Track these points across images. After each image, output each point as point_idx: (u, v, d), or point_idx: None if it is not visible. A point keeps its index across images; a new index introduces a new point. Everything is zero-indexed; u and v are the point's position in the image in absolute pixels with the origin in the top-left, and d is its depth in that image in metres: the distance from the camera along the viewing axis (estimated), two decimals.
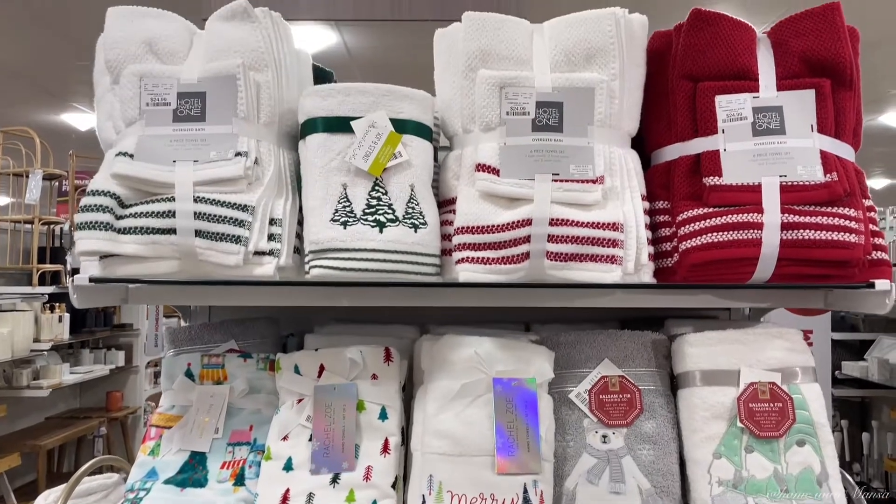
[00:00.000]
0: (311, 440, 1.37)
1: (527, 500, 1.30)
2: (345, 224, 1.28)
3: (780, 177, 1.29)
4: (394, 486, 1.36)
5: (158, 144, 1.29)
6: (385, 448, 1.38)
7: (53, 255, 5.78)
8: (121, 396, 6.20)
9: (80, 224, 1.24)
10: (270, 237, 1.29)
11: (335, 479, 1.35)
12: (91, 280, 1.30)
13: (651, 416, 1.43)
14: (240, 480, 1.41)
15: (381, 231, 1.28)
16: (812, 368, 1.43)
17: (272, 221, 1.30)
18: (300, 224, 1.36)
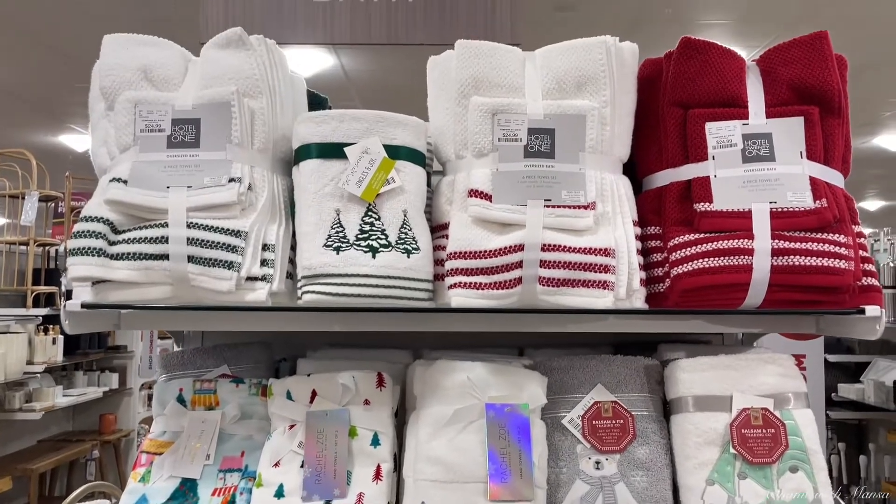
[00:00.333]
0: (303, 467, 1.37)
1: None
2: (338, 249, 1.28)
3: (770, 203, 1.30)
4: None
5: (152, 170, 1.29)
6: (377, 475, 1.37)
7: (48, 277, 5.76)
8: (114, 419, 6.16)
9: (73, 250, 1.25)
10: (263, 262, 1.30)
11: None
12: (83, 306, 1.30)
13: (644, 442, 1.43)
14: None
15: (374, 256, 1.29)
16: (804, 394, 1.43)
17: (265, 247, 1.31)
18: (293, 249, 1.37)
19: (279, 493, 1.36)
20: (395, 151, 1.34)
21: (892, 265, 5.04)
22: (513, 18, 2.97)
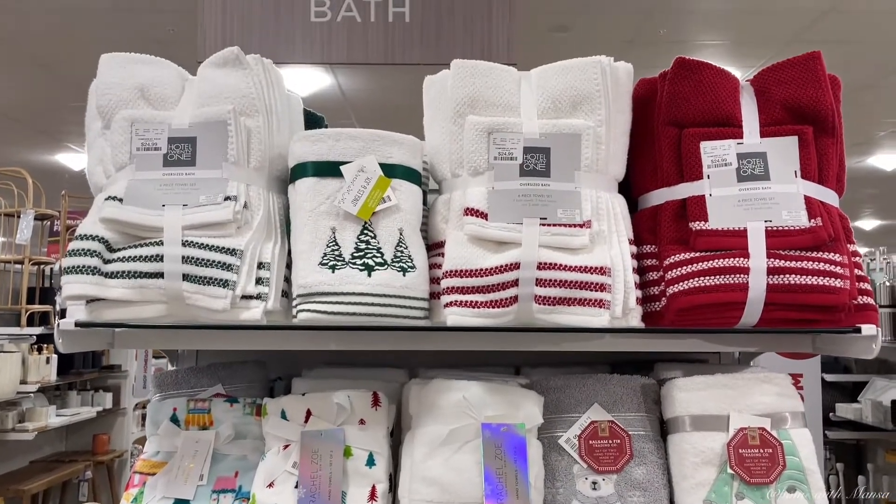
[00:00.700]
0: (298, 487, 1.35)
1: None
2: (333, 268, 1.28)
3: (766, 222, 1.31)
4: None
5: (148, 188, 1.29)
6: (372, 495, 1.36)
7: (43, 296, 5.74)
8: (107, 439, 6.11)
9: (68, 268, 1.24)
10: (258, 281, 1.29)
11: None
12: (77, 324, 1.30)
13: (641, 462, 1.42)
14: None
15: (370, 275, 1.29)
16: (801, 413, 1.43)
17: (260, 265, 1.30)
18: (289, 268, 1.36)
19: None
20: (391, 170, 1.34)
21: (888, 284, 5.05)
22: (509, 39, 3.00)
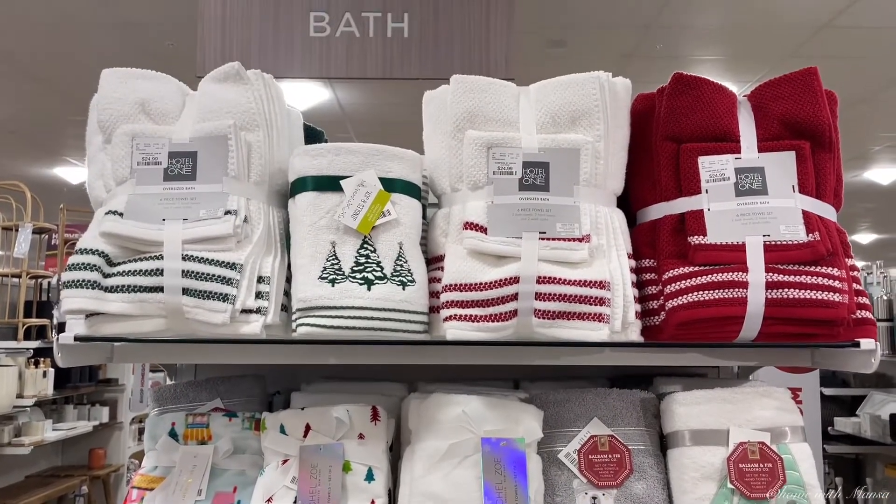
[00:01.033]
0: (296, 502, 1.35)
1: None
2: (333, 282, 1.28)
3: (764, 236, 1.31)
4: None
5: (148, 203, 1.30)
6: None
7: (40, 310, 5.73)
8: (104, 454, 6.07)
9: (67, 282, 1.24)
10: (258, 295, 1.29)
11: None
12: (76, 338, 1.30)
13: (641, 477, 1.41)
14: None
15: (370, 289, 1.29)
16: (801, 428, 1.42)
17: (260, 279, 1.30)
18: (288, 281, 1.37)
19: None
20: (391, 184, 1.34)
21: (886, 298, 5.06)
22: (506, 54, 3.02)
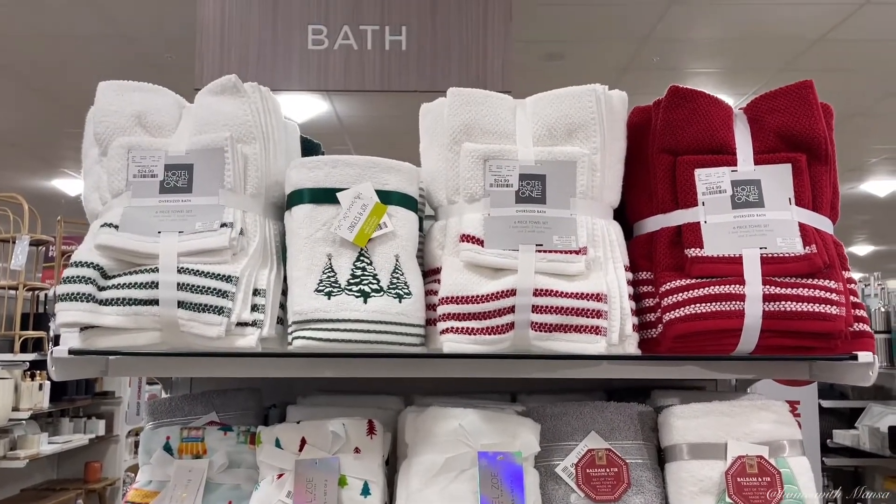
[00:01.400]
0: None
1: None
2: (329, 294, 1.28)
3: (761, 249, 1.31)
4: None
5: (144, 215, 1.29)
6: None
7: (37, 322, 5.71)
8: (99, 467, 6.04)
9: (62, 295, 1.24)
10: (254, 308, 1.29)
11: None
12: (70, 352, 1.29)
13: (639, 491, 1.40)
14: None
15: (366, 301, 1.28)
16: (799, 441, 1.42)
17: (256, 292, 1.30)
18: (284, 294, 1.36)
19: None
20: (388, 197, 1.34)
21: (883, 310, 5.06)
22: (503, 67, 3.02)
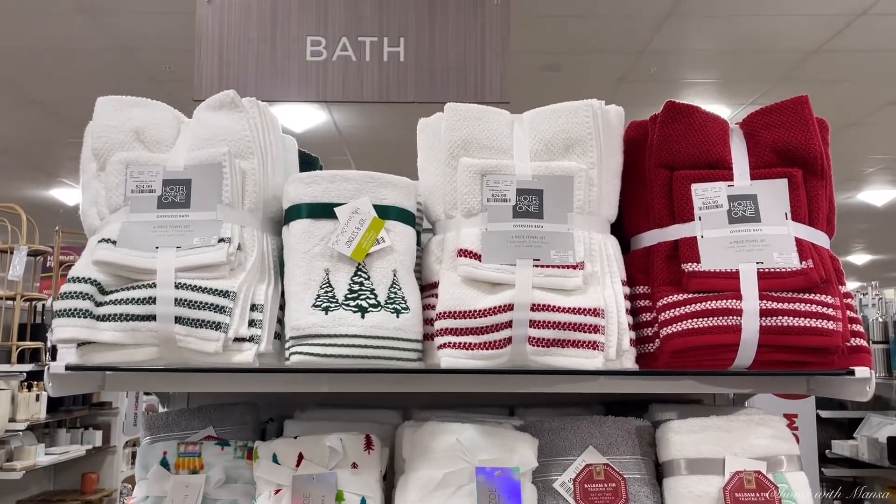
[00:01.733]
0: None
1: None
2: (326, 309, 1.28)
3: (757, 263, 1.31)
4: None
5: (142, 231, 1.29)
6: None
7: (34, 332, 5.69)
8: (96, 478, 6.00)
9: (59, 311, 1.23)
10: (251, 323, 1.29)
11: None
12: (67, 368, 1.28)
13: None
14: None
15: (363, 316, 1.28)
16: (797, 456, 1.42)
17: (253, 307, 1.30)
18: (281, 309, 1.36)
19: None
20: (385, 211, 1.34)
21: (881, 320, 5.06)
22: (501, 78, 3.03)
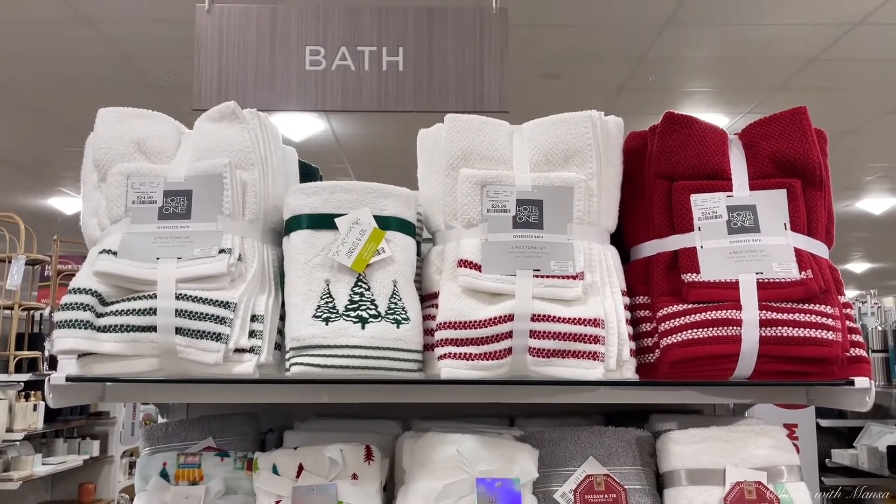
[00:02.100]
0: None
1: None
2: (327, 320, 1.28)
3: (757, 274, 1.31)
4: None
5: (143, 242, 1.30)
6: None
7: (32, 342, 5.68)
8: (93, 488, 5.97)
9: (60, 322, 1.23)
10: (252, 334, 1.29)
11: None
12: (68, 379, 1.28)
13: None
14: None
15: (364, 327, 1.28)
16: (797, 467, 1.42)
17: (254, 318, 1.30)
18: (282, 320, 1.36)
19: None
20: (386, 222, 1.35)
21: (881, 329, 5.06)
22: (500, 87, 3.04)
